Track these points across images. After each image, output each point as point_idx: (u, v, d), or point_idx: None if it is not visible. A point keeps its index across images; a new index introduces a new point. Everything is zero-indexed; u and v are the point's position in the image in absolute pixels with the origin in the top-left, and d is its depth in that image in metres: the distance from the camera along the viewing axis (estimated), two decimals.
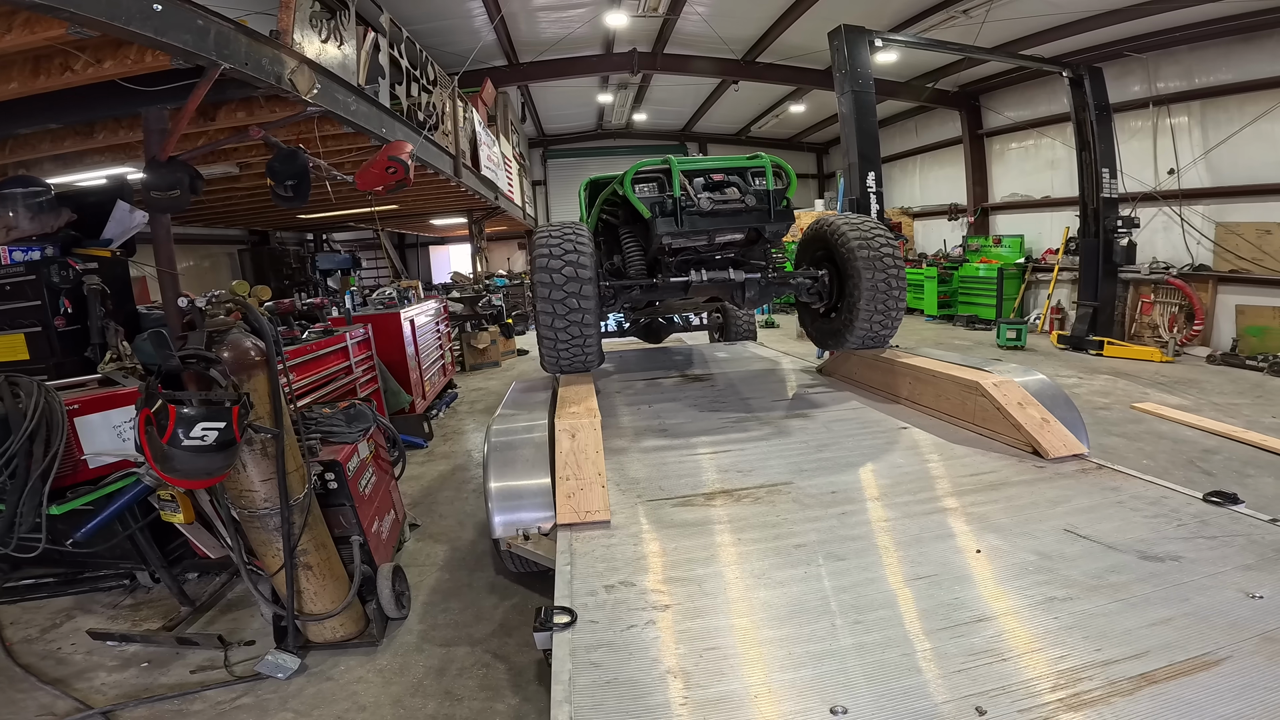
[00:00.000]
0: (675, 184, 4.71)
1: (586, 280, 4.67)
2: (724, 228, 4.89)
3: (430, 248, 25.27)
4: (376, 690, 3.54)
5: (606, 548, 2.95)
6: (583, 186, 7.03)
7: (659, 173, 4.88)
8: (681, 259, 5.30)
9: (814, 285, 5.62)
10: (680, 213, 4.70)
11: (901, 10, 11.66)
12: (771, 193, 4.85)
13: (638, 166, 4.90)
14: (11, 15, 3.24)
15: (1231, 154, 11.11)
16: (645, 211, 4.76)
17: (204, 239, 14.56)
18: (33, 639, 4.21)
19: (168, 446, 2.78)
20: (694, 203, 4.70)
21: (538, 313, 4.84)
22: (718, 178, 4.88)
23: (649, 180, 4.88)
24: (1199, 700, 1.81)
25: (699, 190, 4.78)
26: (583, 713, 1.89)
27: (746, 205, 4.78)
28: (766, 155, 5.06)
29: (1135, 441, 6.84)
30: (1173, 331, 11.40)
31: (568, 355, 4.95)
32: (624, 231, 5.62)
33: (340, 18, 5.41)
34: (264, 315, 3.42)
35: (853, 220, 5.43)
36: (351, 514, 4.04)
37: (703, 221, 4.77)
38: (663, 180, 4.85)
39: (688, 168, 4.86)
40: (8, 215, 5.18)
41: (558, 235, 4.79)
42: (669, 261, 5.30)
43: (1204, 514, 2.92)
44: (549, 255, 4.70)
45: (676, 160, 4.83)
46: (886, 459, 3.94)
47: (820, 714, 1.86)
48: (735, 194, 4.79)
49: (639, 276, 5.53)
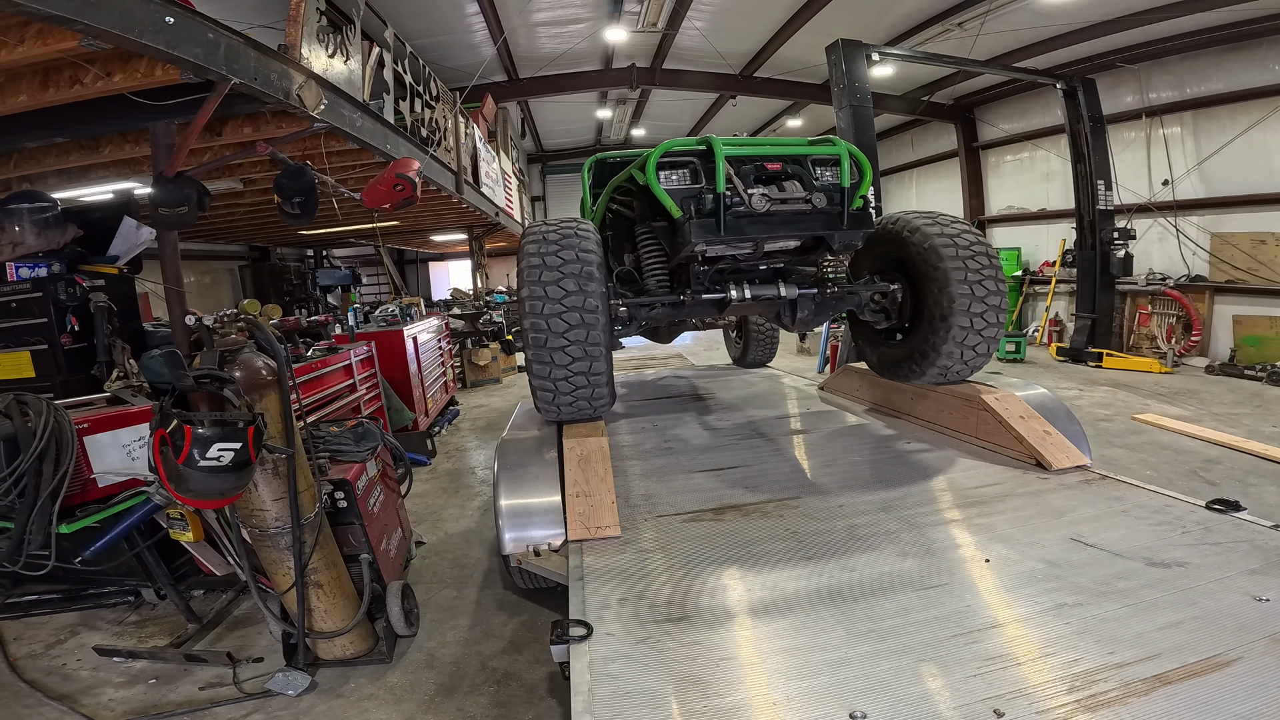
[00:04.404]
0: (718, 174, 3.59)
1: (593, 295, 3.70)
2: (780, 234, 3.82)
3: (430, 264, 25.33)
4: (388, 708, 3.52)
5: (619, 562, 2.97)
6: (588, 166, 5.88)
7: (693, 156, 3.83)
8: (716, 269, 4.28)
9: (883, 300, 4.57)
10: (723, 214, 3.62)
11: (897, 24, 11.78)
12: (846, 190, 3.79)
13: (667, 147, 3.80)
14: (24, 26, 3.26)
15: (1225, 164, 11.23)
16: (675, 210, 3.72)
17: (205, 255, 14.60)
18: (37, 654, 4.19)
19: (183, 467, 2.79)
20: (743, 200, 3.63)
21: (528, 341, 3.76)
22: (773, 167, 3.83)
23: (679, 166, 3.82)
24: (1214, 700, 1.85)
25: (749, 183, 3.74)
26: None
27: (814, 206, 3.72)
28: (842, 141, 3.95)
29: (1137, 452, 6.86)
30: (1171, 342, 11.47)
31: (569, 398, 3.94)
32: (641, 231, 4.50)
33: (346, 33, 5.45)
34: (275, 334, 3.43)
35: (931, 216, 4.41)
36: (361, 532, 4.04)
37: (753, 227, 3.71)
38: (697, 167, 3.81)
39: (735, 152, 3.74)
40: (14, 230, 5.17)
41: (554, 236, 3.83)
42: (700, 271, 4.23)
43: (1208, 521, 2.97)
44: (543, 263, 3.72)
45: (720, 142, 3.67)
46: (891, 473, 3.97)
47: (839, 719, 1.88)
48: (798, 190, 3.74)
49: (660, 289, 4.45)
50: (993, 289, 4.12)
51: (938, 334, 4.20)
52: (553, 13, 11.39)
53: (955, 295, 4.06)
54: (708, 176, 3.73)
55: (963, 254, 4.12)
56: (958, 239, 4.18)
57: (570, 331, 3.70)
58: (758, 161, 3.83)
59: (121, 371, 4.83)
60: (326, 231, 13.20)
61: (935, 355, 4.26)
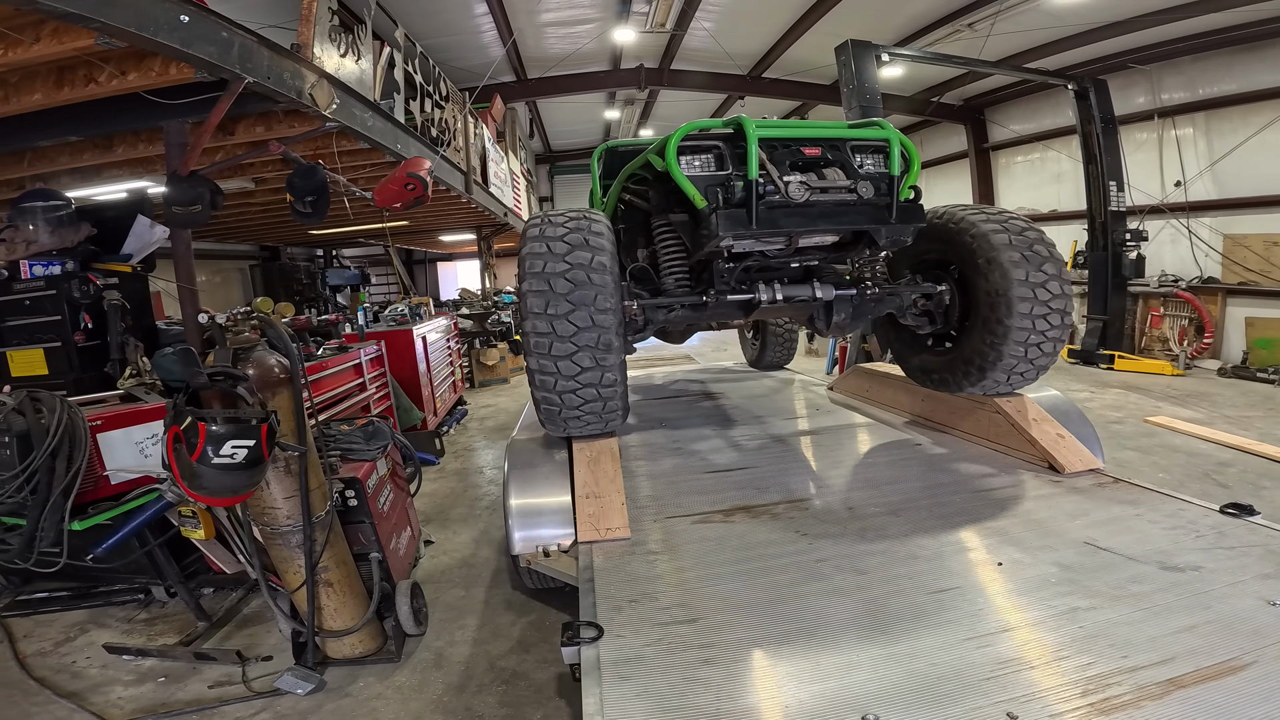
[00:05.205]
0: (750, 159, 3.19)
1: (605, 291, 3.32)
2: (819, 227, 3.41)
3: (438, 264, 25.41)
4: (396, 707, 3.53)
5: (629, 564, 2.97)
6: (597, 155, 5.58)
7: (718, 140, 3.46)
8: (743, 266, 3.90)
9: (928, 303, 4.20)
10: (755, 204, 3.22)
11: (906, 25, 11.75)
12: (895, 179, 3.41)
13: (689, 128, 3.43)
14: (40, 25, 3.28)
15: (1237, 165, 11.16)
16: (699, 200, 3.32)
17: (216, 254, 14.68)
18: (46, 652, 4.21)
19: (197, 464, 2.80)
20: (778, 188, 3.25)
21: (529, 348, 3.38)
22: (812, 152, 3.44)
23: (703, 150, 3.45)
24: (1228, 704, 1.84)
25: (784, 170, 3.34)
26: None
27: (859, 196, 3.34)
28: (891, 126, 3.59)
29: (1150, 455, 6.82)
30: (1183, 344, 11.39)
31: (577, 412, 3.58)
32: (658, 224, 4.09)
33: (357, 33, 5.47)
34: (288, 332, 3.45)
35: (985, 210, 4.02)
36: (371, 531, 4.06)
37: (790, 219, 3.30)
38: (722, 152, 3.44)
39: (769, 134, 3.39)
40: (28, 229, 5.22)
41: (561, 227, 3.44)
42: (724, 269, 3.87)
43: (1221, 525, 2.94)
44: (548, 253, 3.34)
45: (752, 124, 3.26)
46: (902, 474, 3.95)
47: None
48: (840, 178, 3.35)
49: (679, 289, 4.04)
50: (1057, 290, 3.72)
51: (993, 341, 3.81)
52: (561, 13, 11.40)
53: (1015, 298, 3.68)
54: (735, 162, 3.37)
55: (1023, 251, 3.73)
56: (1021, 236, 3.79)
57: (578, 335, 3.29)
58: (794, 145, 3.44)
59: (134, 369, 4.86)
60: (336, 231, 13.26)
61: (989, 365, 3.89)
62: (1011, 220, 3.91)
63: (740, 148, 3.34)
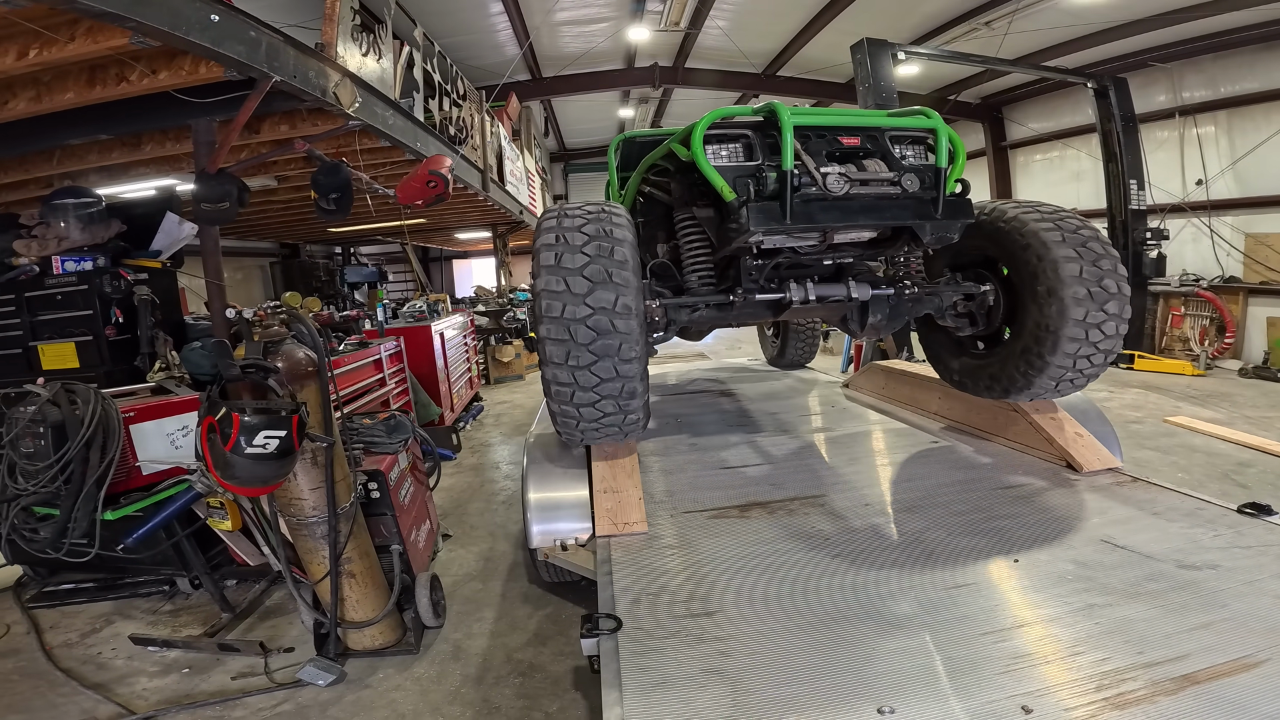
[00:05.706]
0: (785, 148, 2.98)
1: (626, 292, 3.07)
2: (859, 222, 3.20)
3: (453, 261, 25.54)
4: (414, 698, 3.58)
5: (646, 558, 3.00)
6: (614, 145, 5.28)
7: (748, 129, 3.26)
8: (773, 263, 3.68)
9: (970, 303, 3.99)
10: (790, 197, 2.98)
11: (922, 23, 11.70)
12: (941, 171, 3.19)
13: (716, 115, 3.22)
14: (74, 25, 3.35)
15: (1259, 164, 11.04)
16: (727, 192, 3.09)
17: (237, 251, 14.86)
18: (73, 643, 4.27)
19: (230, 454, 2.87)
20: (814, 180, 3.02)
21: (545, 355, 3.16)
22: (850, 142, 3.21)
23: (730, 140, 3.24)
24: (1242, 700, 1.85)
25: (820, 161, 3.11)
26: (633, 714, 1.95)
27: (903, 189, 3.12)
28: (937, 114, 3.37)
29: (1169, 455, 6.78)
30: (1203, 344, 11.28)
31: (594, 416, 3.34)
32: (681, 218, 3.85)
33: (378, 32, 5.54)
34: (315, 327, 3.51)
35: (1031, 205, 3.78)
36: (392, 523, 4.12)
37: (827, 213, 3.06)
38: (752, 142, 3.24)
39: (805, 121, 3.17)
40: (59, 225, 5.33)
41: (579, 219, 3.23)
42: (753, 266, 3.65)
43: (1239, 525, 2.94)
44: (566, 246, 3.10)
45: (787, 110, 3.06)
46: (918, 472, 3.97)
47: (868, 714, 1.90)
48: (882, 170, 3.15)
49: (703, 287, 3.81)
50: (1114, 291, 3.47)
51: (1042, 345, 3.57)
52: (576, 12, 11.45)
53: (1068, 300, 3.43)
54: (767, 152, 3.18)
55: (1078, 250, 3.48)
56: (1075, 234, 3.53)
57: (597, 343, 3.06)
58: (831, 135, 3.19)
59: (163, 363, 4.95)
60: (355, 229, 13.39)
61: (1035, 371, 3.66)
62: (1066, 218, 3.65)
63: (771, 137, 3.18)
